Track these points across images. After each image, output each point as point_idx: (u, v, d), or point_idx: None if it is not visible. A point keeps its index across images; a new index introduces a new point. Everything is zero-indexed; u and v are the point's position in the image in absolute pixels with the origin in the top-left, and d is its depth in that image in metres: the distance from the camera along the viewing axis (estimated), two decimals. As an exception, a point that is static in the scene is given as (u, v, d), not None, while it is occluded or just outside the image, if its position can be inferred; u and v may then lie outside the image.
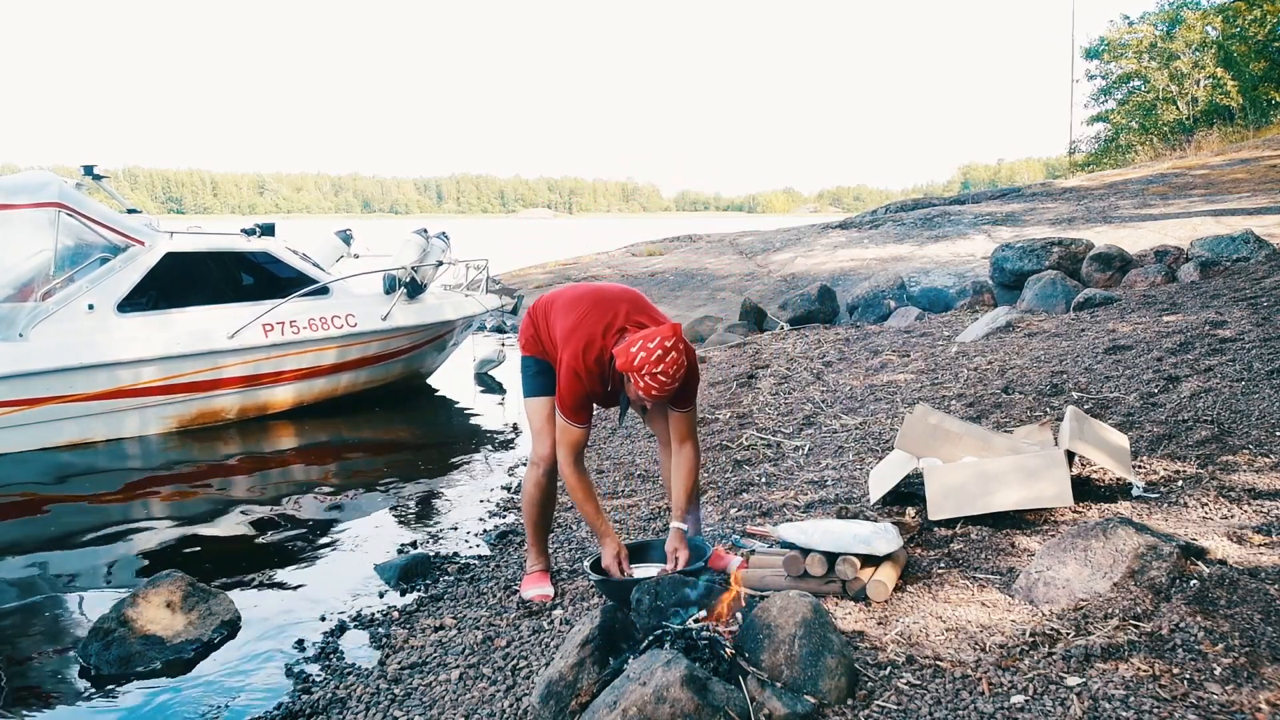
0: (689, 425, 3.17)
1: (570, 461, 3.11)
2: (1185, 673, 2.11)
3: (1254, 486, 3.33)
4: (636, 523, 4.29)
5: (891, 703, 2.18)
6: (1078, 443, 3.37)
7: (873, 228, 16.46)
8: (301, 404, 8.16)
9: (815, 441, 5.14)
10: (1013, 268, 10.07)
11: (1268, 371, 4.69)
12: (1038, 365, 5.87)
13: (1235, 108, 25.02)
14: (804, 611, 2.29)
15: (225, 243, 8.14)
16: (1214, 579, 2.44)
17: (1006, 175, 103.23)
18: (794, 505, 4.00)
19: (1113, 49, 29.03)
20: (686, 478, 3.15)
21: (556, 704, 2.33)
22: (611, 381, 3.06)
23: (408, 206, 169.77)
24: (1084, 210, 14.53)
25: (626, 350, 2.86)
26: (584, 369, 3.01)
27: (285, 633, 3.68)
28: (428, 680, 2.89)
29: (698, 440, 3.23)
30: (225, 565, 4.66)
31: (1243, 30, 24.81)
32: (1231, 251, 8.76)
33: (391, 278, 8.56)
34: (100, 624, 3.48)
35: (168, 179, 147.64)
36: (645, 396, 2.88)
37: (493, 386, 9.97)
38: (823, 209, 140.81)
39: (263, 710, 3.01)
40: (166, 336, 7.28)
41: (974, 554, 3.08)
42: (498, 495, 5.65)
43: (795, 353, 8.20)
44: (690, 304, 12.93)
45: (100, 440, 7.13)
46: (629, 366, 2.84)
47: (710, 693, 2.08)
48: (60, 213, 7.02)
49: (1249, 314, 6.19)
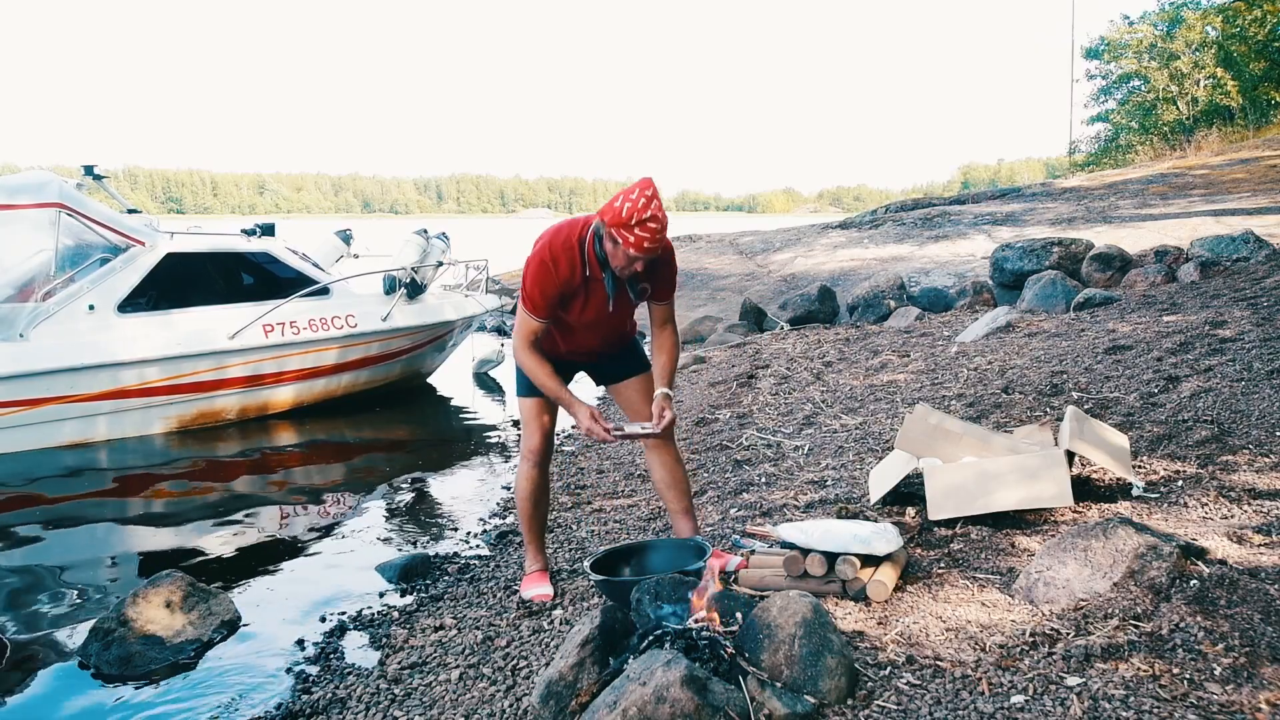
0: (669, 313, 3.21)
1: (524, 346, 3.08)
2: (1185, 673, 2.11)
3: (1254, 486, 3.33)
4: (636, 523, 4.29)
5: (891, 703, 2.18)
6: (1078, 443, 3.37)
7: (873, 228, 16.46)
8: (302, 404, 8.17)
9: (815, 441, 5.14)
10: (1013, 268, 10.07)
11: (1268, 371, 4.69)
12: (1038, 365, 5.86)
13: (1235, 108, 25.01)
14: (804, 611, 2.29)
15: (225, 243, 8.14)
16: (1214, 579, 2.44)
17: (1006, 175, 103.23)
18: (794, 505, 4.00)
19: (1113, 49, 29.02)
20: (668, 357, 3.17)
21: (556, 704, 2.33)
22: (589, 267, 3.00)
23: (408, 206, 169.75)
24: (1084, 210, 14.53)
25: (611, 208, 2.83)
26: (552, 255, 2.97)
27: (285, 633, 3.68)
28: (428, 680, 2.89)
29: (677, 330, 3.26)
30: (225, 565, 4.66)
31: (1243, 30, 24.78)
32: (1231, 251, 8.76)
33: (392, 278, 8.56)
34: (100, 624, 3.48)
35: (168, 179, 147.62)
36: (638, 252, 2.83)
37: (492, 386, 9.97)
38: (823, 209, 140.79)
39: (263, 710, 3.01)
40: (167, 337, 7.29)
41: (974, 554, 3.08)
42: (498, 495, 5.65)
43: (795, 353, 8.20)
44: (690, 304, 12.94)
45: (100, 440, 7.13)
46: (619, 221, 2.80)
47: (710, 693, 2.08)
48: (61, 213, 7.03)
49: (1249, 314, 6.19)
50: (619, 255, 2.90)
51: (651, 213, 2.80)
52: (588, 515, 4.55)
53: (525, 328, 3.09)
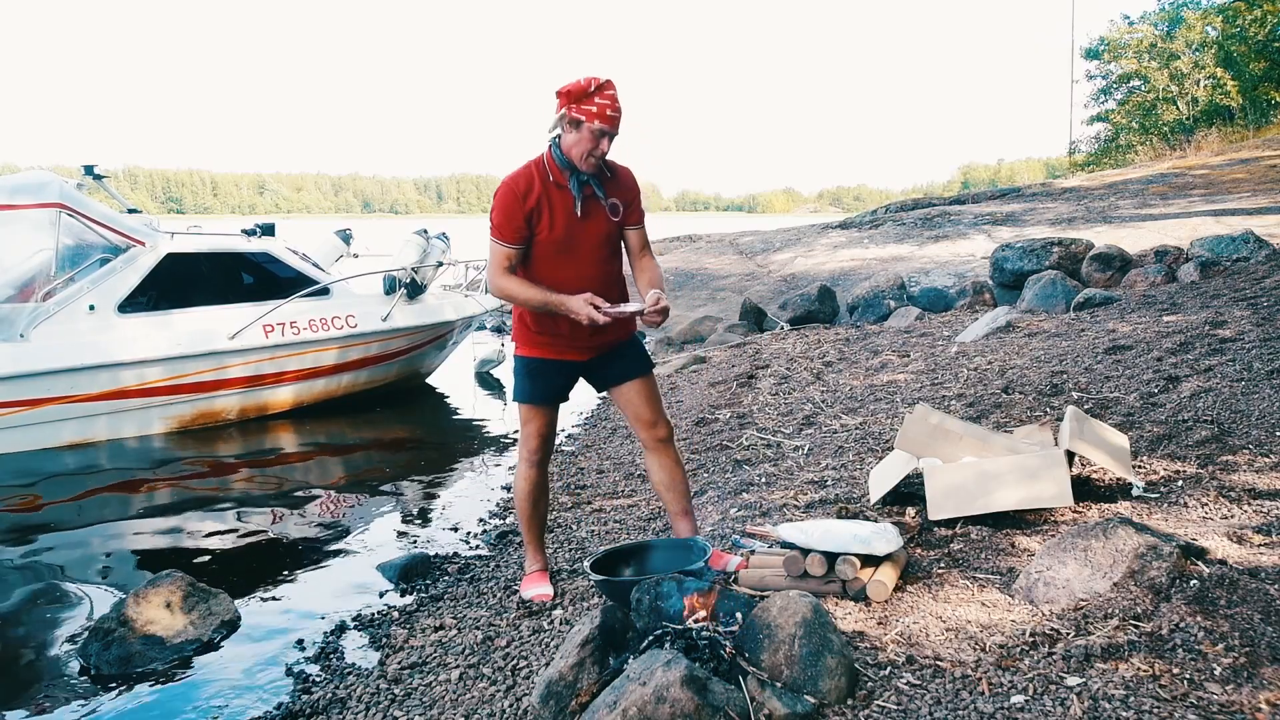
0: (644, 238, 3.25)
1: (499, 274, 3.06)
2: (1185, 673, 2.11)
3: (1254, 486, 3.33)
4: (636, 523, 4.29)
5: (891, 703, 2.18)
6: (1078, 443, 3.37)
7: (873, 228, 16.46)
8: (302, 404, 8.17)
9: (815, 441, 5.14)
10: (1013, 268, 10.08)
11: (1268, 371, 4.69)
12: (1038, 365, 5.87)
13: (1235, 108, 25.01)
14: (804, 611, 2.29)
15: (225, 243, 8.14)
16: (1214, 579, 2.44)
17: (1006, 175, 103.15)
18: (794, 505, 4.00)
19: (1113, 49, 29.03)
20: (653, 274, 3.17)
21: (556, 704, 2.33)
22: (552, 174, 3.01)
23: (408, 206, 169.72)
24: (1084, 210, 14.53)
25: (565, 90, 2.91)
26: (512, 179, 3.02)
27: (285, 633, 3.68)
28: (428, 680, 2.89)
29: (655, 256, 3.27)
30: (225, 565, 4.66)
31: (1243, 30, 24.79)
32: (1231, 251, 8.77)
33: (392, 278, 8.56)
34: (100, 624, 3.48)
35: (168, 179, 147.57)
36: (603, 123, 2.88)
37: (493, 386, 9.97)
38: (823, 209, 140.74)
39: (263, 710, 3.01)
40: (167, 337, 7.29)
41: (974, 554, 3.08)
42: (498, 495, 5.65)
43: (795, 353, 8.20)
44: (690, 304, 12.94)
45: (100, 440, 7.13)
46: (579, 92, 2.89)
47: (710, 693, 2.08)
48: (61, 213, 7.03)
49: (1249, 314, 6.19)
50: (583, 138, 2.93)
51: (607, 80, 2.91)
52: (588, 515, 4.55)
53: (496, 256, 3.07)
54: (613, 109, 2.91)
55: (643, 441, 3.39)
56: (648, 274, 3.17)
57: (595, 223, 3.08)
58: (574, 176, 3.01)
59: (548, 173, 3.02)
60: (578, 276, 3.07)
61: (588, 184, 3.04)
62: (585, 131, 2.91)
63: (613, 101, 2.92)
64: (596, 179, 3.05)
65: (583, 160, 2.96)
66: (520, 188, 3.00)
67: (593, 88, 2.89)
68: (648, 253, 3.24)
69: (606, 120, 2.90)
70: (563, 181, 3.02)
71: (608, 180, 3.11)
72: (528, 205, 2.99)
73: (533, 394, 3.24)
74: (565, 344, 3.18)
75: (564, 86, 2.93)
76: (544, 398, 3.25)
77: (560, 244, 3.05)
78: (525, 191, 3.00)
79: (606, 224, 3.11)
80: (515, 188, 3.00)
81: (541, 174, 3.02)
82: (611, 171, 3.13)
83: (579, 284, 3.04)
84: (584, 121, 2.90)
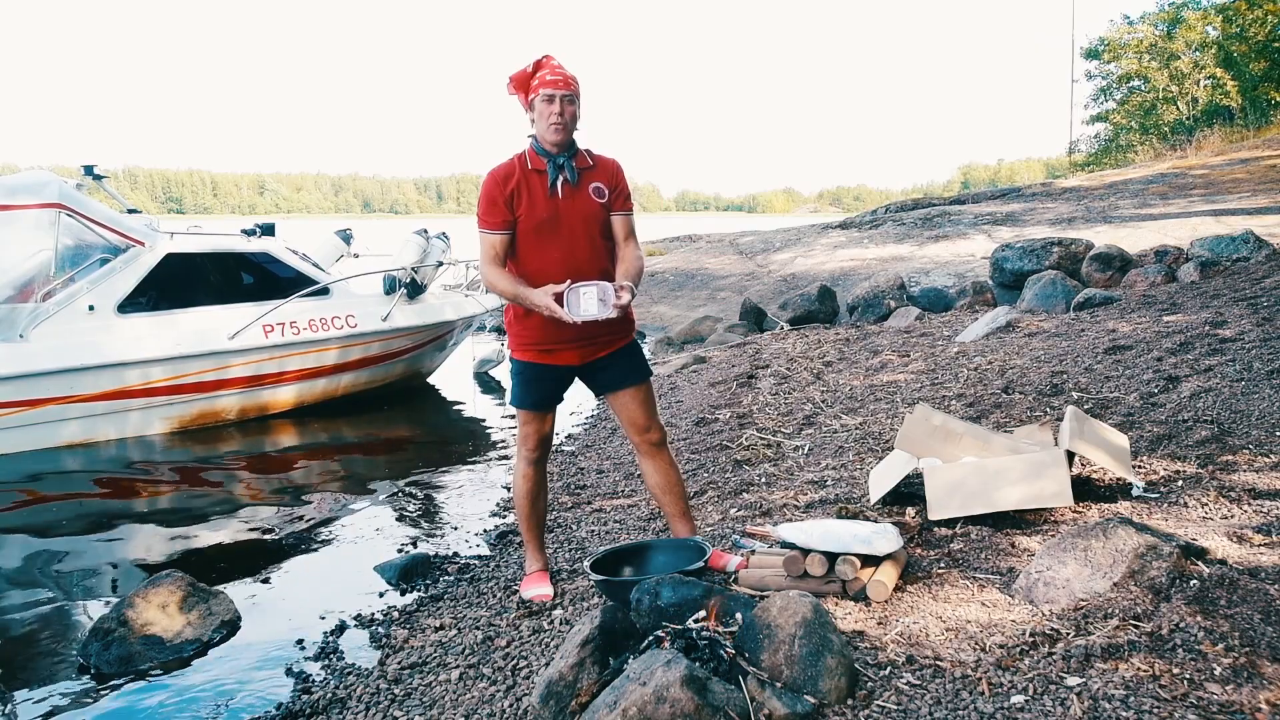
0: (629, 225, 3.28)
1: (488, 264, 3.16)
2: (1185, 673, 2.11)
3: (1254, 486, 3.33)
4: (636, 523, 4.29)
5: (891, 703, 2.18)
6: (1078, 442, 3.37)
7: (873, 228, 16.46)
8: (302, 404, 8.17)
9: (815, 441, 5.14)
10: (1013, 268, 10.08)
11: (1268, 371, 4.69)
12: (1038, 365, 5.87)
13: (1235, 108, 25.00)
14: (804, 611, 2.28)
15: (225, 243, 8.14)
16: (1214, 579, 2.44)
17: (1006, 175, 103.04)
18: (794, 505, 4.00)
19: (1113, 49, 29.00)
20: (630, 264, 3.20)
21: (556, 704, 2.33)
22: (530, 161, 3.12)
23: (408, 206, 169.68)
24: (1084, 210, 14.53)
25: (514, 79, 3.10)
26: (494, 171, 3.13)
27: (285, 633, 3.68)
28: (428, 680, 2.89)
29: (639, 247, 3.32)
30: (225, 565, 4.66)
31: (1243, 30, 24.79)
32: (1231, 251, 8.76)
33: (392, 278, 8.56)
34: (100, 624, 3.48)
35: (168, 179, 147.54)
36: (554, 88, 3.02)
37: (492, 386, 9.97)
38: (823, 209, 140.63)
39: (263, 710, 3.01)
40: (167, 337, 7.29)
41: (974, 554, 3.08)
42: (498, 495, 5.65)
43: (795, 353, 8.20)
44: (690, 304, 12.94)
45: (101, 440, 7.13)
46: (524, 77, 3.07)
47: (710, 693, 2.08)
48: (61, 213, 7.03)
49: (1249, 314, 6.19)
50: (541, 112, 3.05)
51: (545, 55, 3.09)
52: (588, 515, 4.55)
53: (485, 246, 3.16)
54: (552, 73, 3.05)
55: (636, 445, 3.39)
56: (625, 264, 3.22)
57: (579, 203, 3.14)
58: (551, 161, 3.12)
59: (528, 161, 3.14)
60: (564, 258, 3.11)
61: (563, 167, 3.12)
62: (540, 104, 3.05)
63: (553, 68, 3.07)
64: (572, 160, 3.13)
65: (550, 131, 3.06)
66: (500, 174, 3.13)
67: (530, 66, 3.07)
68: (631, 241, 3.28)
69: (550, 84, 3.03)
70: (541, 167, 3.12)
71: (590, 168, 3.19)
72: (508, 189, 3.10)
73: (525, 399, 3.26)
74: (551, 343, 3.18)
75: (509, 78, 3.11)
76: (536, 403, 3.27)
77: (543, 225, 3.11)
78: (505, 177, 3.12)
79: (591, 204, 3.16)
80: (496, 175, 3.14)
81: (522, 163, 3.15)
82: (594, 160, 3.21)
83: (566, 265, 3.08)
84: (536, 98, 3.05)
